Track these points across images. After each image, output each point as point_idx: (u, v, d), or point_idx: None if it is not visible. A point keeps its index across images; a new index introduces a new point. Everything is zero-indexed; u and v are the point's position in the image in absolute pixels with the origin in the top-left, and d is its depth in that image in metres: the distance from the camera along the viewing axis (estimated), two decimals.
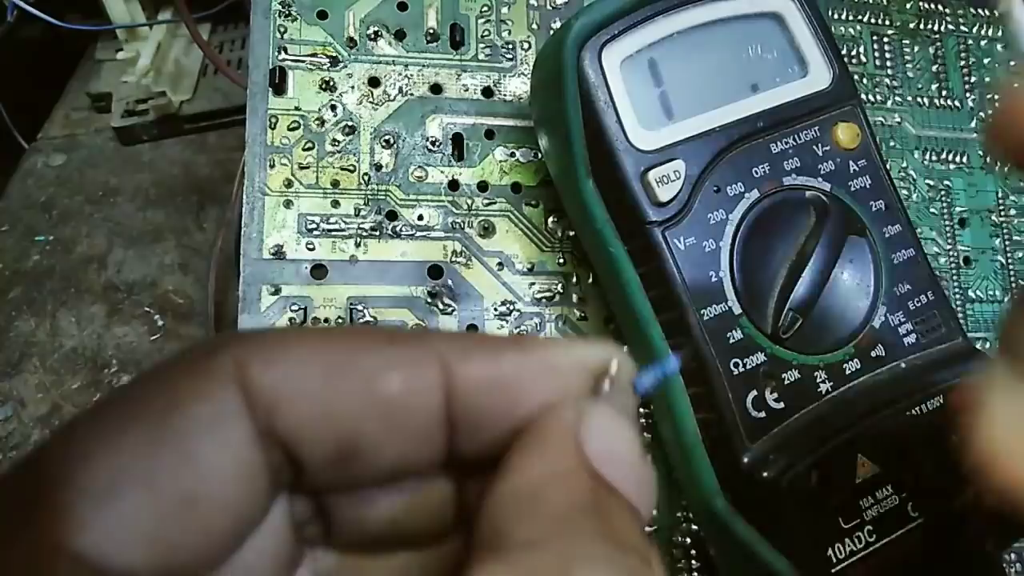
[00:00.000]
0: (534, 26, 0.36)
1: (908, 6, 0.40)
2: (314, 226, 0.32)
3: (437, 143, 0.34)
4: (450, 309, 0.33)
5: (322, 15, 0.34)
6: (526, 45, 0.36)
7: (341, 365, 0.14)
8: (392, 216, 0.33)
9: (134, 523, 0.13)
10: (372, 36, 0.35)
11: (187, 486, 0.13)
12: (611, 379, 0.16)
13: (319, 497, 0.16)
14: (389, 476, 0.16)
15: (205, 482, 0.13)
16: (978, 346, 0.30)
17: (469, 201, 0.34)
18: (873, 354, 0.28)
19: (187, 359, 0.15)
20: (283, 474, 0.15)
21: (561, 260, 0.34)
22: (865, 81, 0.39)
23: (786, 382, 0.27)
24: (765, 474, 0.25)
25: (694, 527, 0.32)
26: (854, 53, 0.39)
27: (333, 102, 0.34)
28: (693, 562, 0.31)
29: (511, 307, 0.33)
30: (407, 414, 0.15)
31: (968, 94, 0.40)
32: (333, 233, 0.32)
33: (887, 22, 0.40)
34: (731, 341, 0.27)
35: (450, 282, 0.33)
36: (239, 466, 0.14)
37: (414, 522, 0.17)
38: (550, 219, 0.34)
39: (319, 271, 0.32)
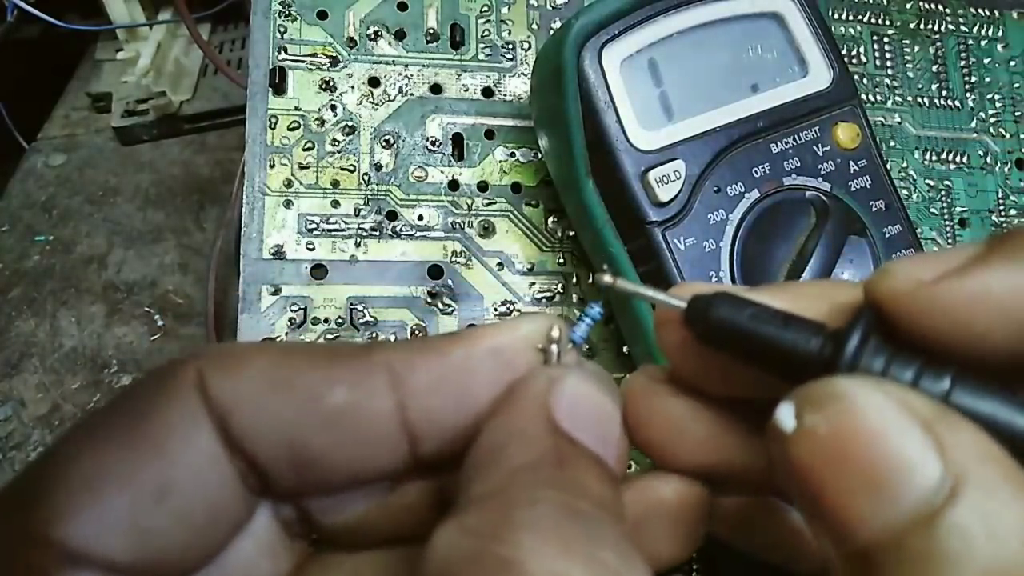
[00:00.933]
0: (534, 26, 0.36)
1: (908, 6, 0.40)
2: (314, 226, 0.32)
3: (437, 143, 0.34)
4: (450, 309, 0.33)
5: (322, 15, 0.34)
6: (526, 45, 0.36)
7: (286, 380, 0.15)
8: (392, 216, 0.33)
9: (112, 514, 0.14)
10: (372, 36, 0.35)
11: (160, 478, 0.14)
12: (557, 343, 0.17)
13: (297, 501, 0.17)
14: (354, 482, 0.17)
15: (176, 474, 0.15)
16: None
17: (469, 201, 0.34)
18: None
19: (160, 371, 0.16)
20: (253, 479, 0.16)
21: (561, 260, 0.34)
22: (865, 81, 0.39)
23: None
24: None
25: None
26: (854, 53, 0.39)
27: (333, 102, 0.34)
28: (693, 564, 0.32)
29: (511, 307, 0.33)
30: (357, 424, 0.16)
31: (968, 94, 0.40)
32: (333, 233, 0.32)
33: (887, 22, 0.40)
34: None
35: (450, 282, 0.33)
36: (206, 460, 0.15)
37: (397, 521, 0.17)
38: (550, 219, 0.34)
39: (319, 271, 0.32)
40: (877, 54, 0.39)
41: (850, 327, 0.14)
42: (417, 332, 0.32)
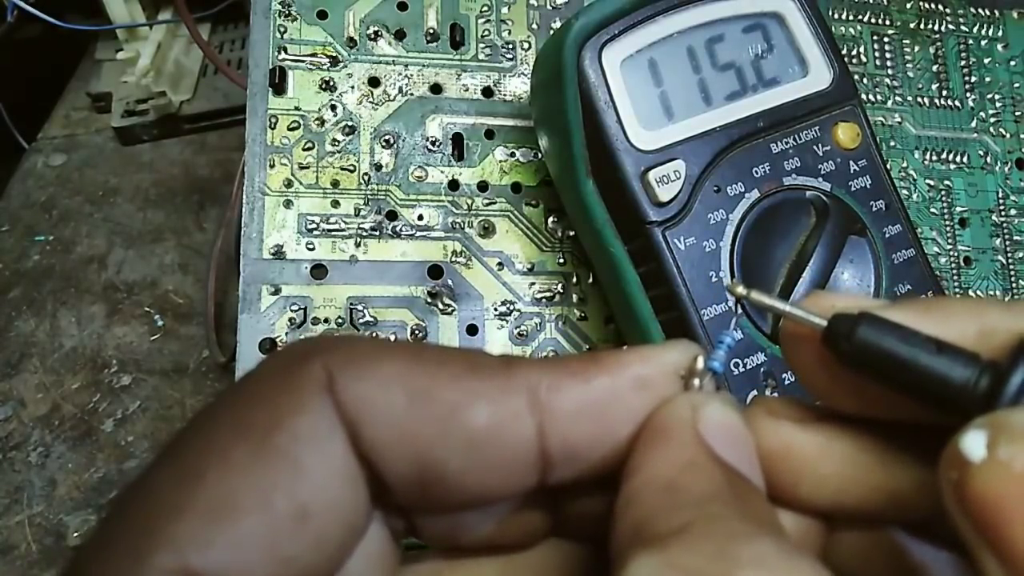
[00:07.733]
0: (534, 26, 0.36)
1: (908, 6, 0.40)
2: (314, 226, 0.32)
3: (437, 143, 0.34)
4: (450, 309, 0.33)
5: (322, 15, 0.34)
6: (526, 45, 0.36)
7: (424, 392, 0.14)
8: (392, 216, 0.33)
9: (253, 540, 0.13)
10: (372, 36, 0.35)
11: (299, 500, 0.13)
12: (699, 375, 0.16)
13: (410, 515, 0.16)
14: (477, 503, 0.16)
15: (315, 495, 0.14)
16: None
17: (469, 201, 0.34)
18: None
19: (280, 367, 0.15)
20: (372, 489, 0.15)
21: (561, 260, 0.34)
22: (865, 81, 0.39)
23: (786, 382, 0.27)
24: None
25: None
26: (854, 53, 0.39)
27: (333, 102, 0.34)
28: None
29: (511, 307, 0.33)
30: (495, 447, 0.15)
31: (968, 94, 0.40)
32: (333, 233, 0.32)
33: (887, 22, 0.40)
34: None
35: (450, 282, 0.33)
36: (343, 477, 0.14)
37: (505, 536, 0.17)
38: (550, 219, 0.34)
39: (319, 271, 0.32)
40: (877, 54, 0.39)
41: (1013, 360, 0.13)
42: (417, 332, 0.32)
